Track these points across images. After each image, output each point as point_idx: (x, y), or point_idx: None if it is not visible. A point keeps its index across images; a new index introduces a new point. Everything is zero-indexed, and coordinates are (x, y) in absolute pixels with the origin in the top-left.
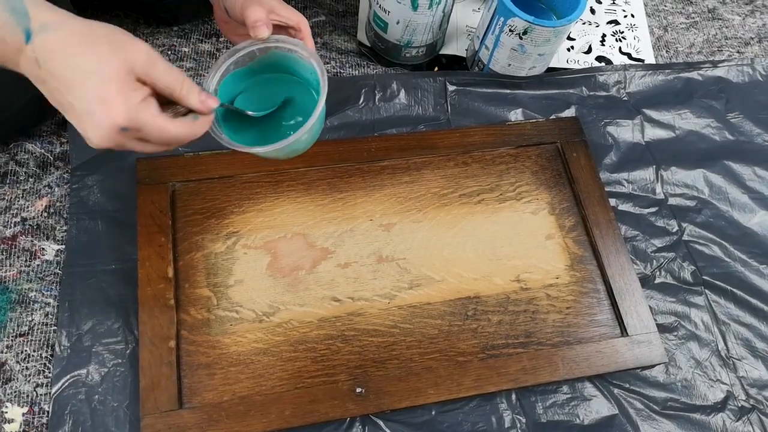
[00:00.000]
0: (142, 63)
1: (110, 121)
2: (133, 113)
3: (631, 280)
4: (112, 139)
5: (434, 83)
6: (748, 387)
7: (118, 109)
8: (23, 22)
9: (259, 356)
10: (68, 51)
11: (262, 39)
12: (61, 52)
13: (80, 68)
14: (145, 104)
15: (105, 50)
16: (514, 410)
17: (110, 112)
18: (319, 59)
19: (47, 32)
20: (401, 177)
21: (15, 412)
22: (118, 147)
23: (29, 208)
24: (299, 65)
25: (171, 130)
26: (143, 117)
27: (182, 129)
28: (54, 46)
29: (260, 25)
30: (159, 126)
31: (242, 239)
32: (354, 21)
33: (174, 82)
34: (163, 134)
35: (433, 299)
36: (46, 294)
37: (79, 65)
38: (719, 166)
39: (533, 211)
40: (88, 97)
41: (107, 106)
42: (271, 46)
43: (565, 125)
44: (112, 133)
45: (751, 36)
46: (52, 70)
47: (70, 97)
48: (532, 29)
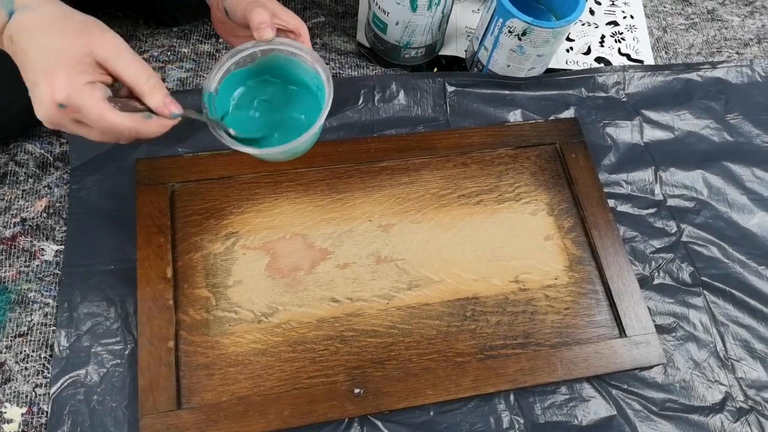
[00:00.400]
0: (106, 50)
1: (50, 95)
2: (74, 92)
3: (630, 281)
4: (52, 115)
5: (433, 84)
6: (746, 388)
7: (58, 86)
8: (8, 5)
9: (258, 357)
10: (37, 29)
11: (266, 40)
12: (31, 30)
13: (42, 45)
14: (91, 87)
15: (71, 33)
16: (512, 411)
17: (52, 87)
18: (325, 65)
19: (25, 11)
20: (400, 178)
21: (14, 412)
22: (59, 126)
23: (29, 209)
24: (301, 69)
25: (111, 119)
26: (83, 98)
27: (125, 122)
28: (27, 24)
29: (265, 27)
30: (99, 112)
31: (241, 240)
32: (353, 22)
33: (139, 75)
34: (102, 122)
35: (431, 300)
36: (46, 294)
37: (42, 42)
38: (718, 167)
39: (532, 212)
40: (38, 71)
41: (50, 80)
42: (274, 49)
43: (564, 126)
44: (50, 107)
45: (750, 37)
46: (20, 45)
47: (27, 70)
48: (531, 30)
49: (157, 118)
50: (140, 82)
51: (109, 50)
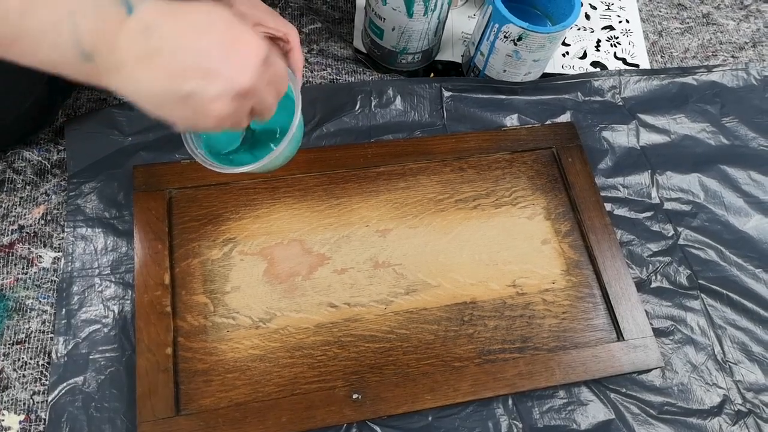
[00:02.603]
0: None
1: (254, 52)
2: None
3: (627, 285)
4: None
5: (430, 89)
6: (744, 391)
7: (253, 42)
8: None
9: (256, 363)
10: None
11: None
12: (172, 12)
13: (198, 21)
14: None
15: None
16: (510, 415)
17: (249, 44)
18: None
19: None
20: (397, 183)
21: (12, 419)
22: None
23: (26, 216)
24: None
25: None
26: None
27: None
28: (162, 8)
29: None
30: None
31: (239, 246)
32: (350, 28)
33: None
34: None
35: (429, 305)
36: (43, 301)
37: (195, 19)
38: (714, 171)
39: (529, 216)
40: (221, 42)
41: (246, 41)
42: None
43: (560, 130)
44: (258, 66)
45: (745, 41)
46: (168, 31)
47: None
48: (526, 35)
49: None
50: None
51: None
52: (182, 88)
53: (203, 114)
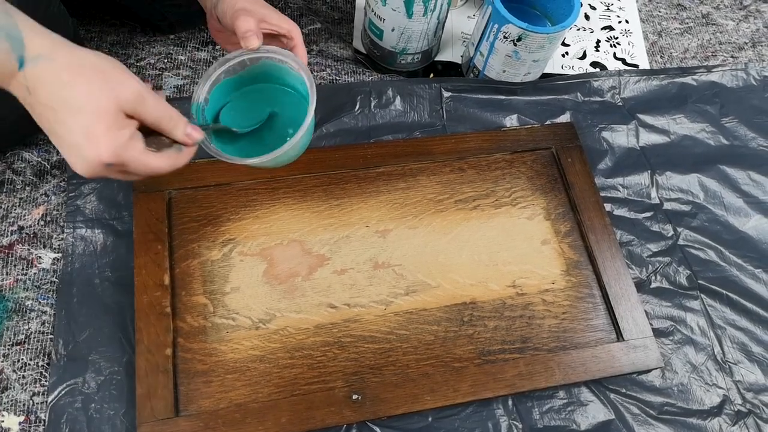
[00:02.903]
0: (132, 100)
1: (97, 157)
2: (120, 151)
3: (627, 285)
4: (97, 173)
5: (430, 90)
6: (744, 391)
7: (104, 147)
8: (18, 50)
9: (256, 363)
10: (59, 83)
11: (253, 49)
12: (52, 84)
13: (69, 102)
14: (132, 142)
15: (95, 86)
16: (510, 416)
17: (97, 149)
18: (309, 72)
19: (39, 62)
20: (397, 183)
21: (11, 420)
22: (100, 177)
23: (26, 217)
24: (290, 76)
25: (154, 164)
26: (129, 154)
27: (166, 162)
28: (45, 76)
29: (251, 35)
30: (143, 162)
31: (238, 246)
32: (349, 28)
33: (162, 117)
34: (147, 169)
35: (429, 305)
36: (43, 302)
37: (69, 99)
38: (714, 171)
39: (529, 217)
40: (75, 131)
41: (94, 143)
42: (262, 56)
43: (560, 131)
44: (97, 167)
45: (744, 41)
46: (42, 100)
47: (59, 127)
48: (526, 36)
49: (186, 149)
50: (164, 123)
51: (133, 100)
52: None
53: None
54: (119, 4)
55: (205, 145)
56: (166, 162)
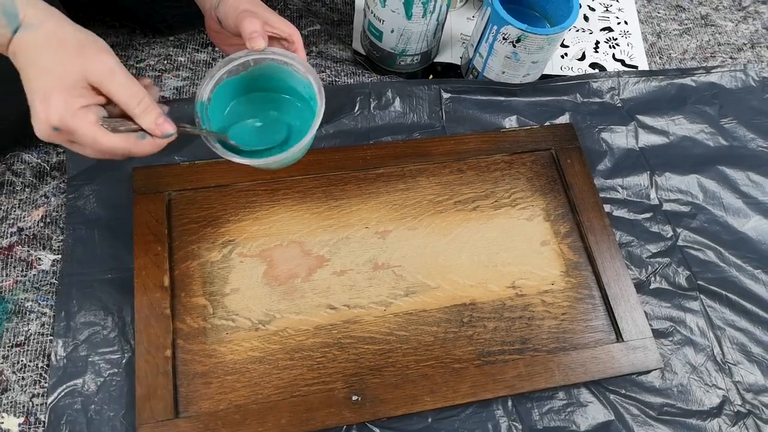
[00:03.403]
0: (99, 72)
1: (45, 119)
2: (68, 117)
3: (626, 286)
4: (47, 135)
5: (429, 91)
6: (743, 392)
7: (53, 110)
8: (13, 24)
9: (255, 364)
10: (35, 49)
11: (258, 50)
12: (29, 50)
13: (39, 66)
14: (85, 111)
15: (67, 54)
16: (510, 417)
17: (47, 111)
18: (316, 74)
19: (26, 30)
20: (396, 184)
21: (11, 422)
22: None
23: (25, 218)
24: (293, 78)
25: (104, 142)
26: (77, 123)
27: (118, 143)
28: (27, 43)
29: (257, 36)
30: (92, 135)
31: (238, 247)
32: (349, 30)
33: (130, 98)
34: (95, 144)
35: (428, 306)
36: (43, 304)
37: (39, 63)
38: (713, 172)
39: (528, 218)
40: (36, 92)
41: (46, 104)
42: (267, 58)
43: (559, 132)
44: (45, 129)
45: (743, 42)
46: (21, 64)
47: (28, 89)
48: (525, 37)
49: (150, 138)
50: (131, 105)
51: (102, 73)
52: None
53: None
54: (118, 5)
55: (210, 144)
56: (120, 143)
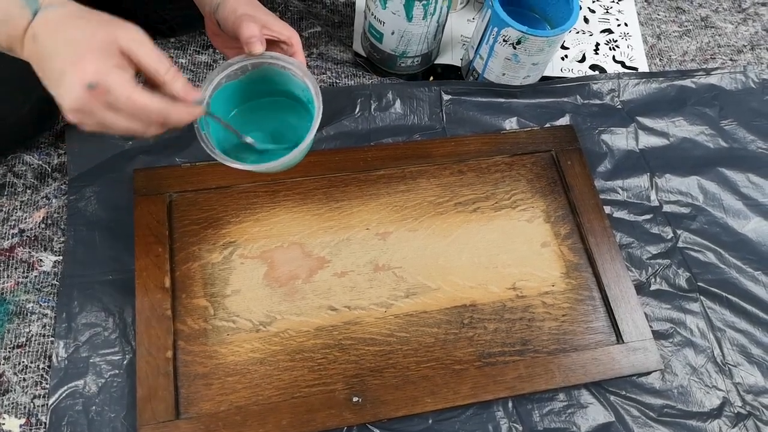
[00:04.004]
0: (129, 40)
1: (79, 77)
2: (104, 72)
3: (627, 287)
4: (81, 99)
5: (429, 93)
6: (744, 393)
7: (88, 66)
8: (32, 5)
9: (256, 366)
10: (62, 24)
11: (256, 54)
12: (56, 25)
13: (67, 38)
14: (119, 69)
15: (95, 23)
16: (510, 418)
17: (81, 69)
18: (314, 79)
19: (49, 9)
20: (397, 186)
21: (12, 423)
22: (86, 113)
23: (27, 220)
24: (291, 82)
25: (141, 99)
26: (113, 78)
27: (154, 102)
28: (52, 20)
29: (255, 41)
30: (128, 92)
31: (239, 249)
32: (349, 32)
33: (159, 63)
34: (130, 103)
35: (429, 307)
36: (44, 305)
37: (68, 35)
38: (713, 173)
39: (528, 219)
40: (66, 60)
41: (79, 64)
42: (265, 62)
43: (559, 133)
44: (80, 90)
45: (743, 44)
46: (44, 41)
47: (53, 62)
48: (525, 39)
49: (183, 104)
50: (161, 70)
51: (132, 39)
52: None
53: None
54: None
55: (210, 150)
56: (154, 103)
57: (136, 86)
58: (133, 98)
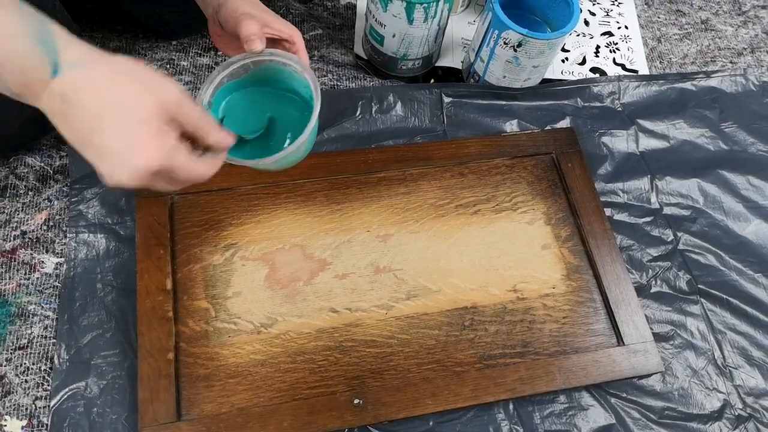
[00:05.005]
0: (174, 103)
1: (146, 165)
2: (169, 157)
3: (627, 290)
4: (143, 179)
5: (430, 95)
6: (744, 395)
7: (153, 154)
8: (52, 56)
9: (258, 368)
10: (100, 88)
11: (256, 52)
12: (92, 89)
13: (113, 107)
14: (178, 148)
15: (138, 90)
16: (511, 420)
17: (147, 156)
18: (314, 74)
19: (77, 69)
20: (398, 188)
21: (14, 425)
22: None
23: (29, 222)
24: (293, 79)
25: (200, 170)
26: (177, 160)
27: (208, 168)
28: (85, 83)
29: (254, 38)
30: (191, 167)
31: (240, 251)
32: (351, 34)
33: (201, 122)
34: (193, 175)
35: (430, 310)
36: (46, 307)
37: (112, 104)
38: (714, 176)
39: (529, 221)
40: (119, 138)
41: (143, 149)
42: (265, 60)
43: (560, 136)
44: (145, 175)
45: (743, 46)
46: (79, 107)
47: (100, 135)
48: (526, 42)
49: (222, 155)
50: (203, 128)
51: (176, 104)
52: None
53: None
54: (121, 9)
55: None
56: (210, 167)
57: (194, 158)
58: (195, 171)
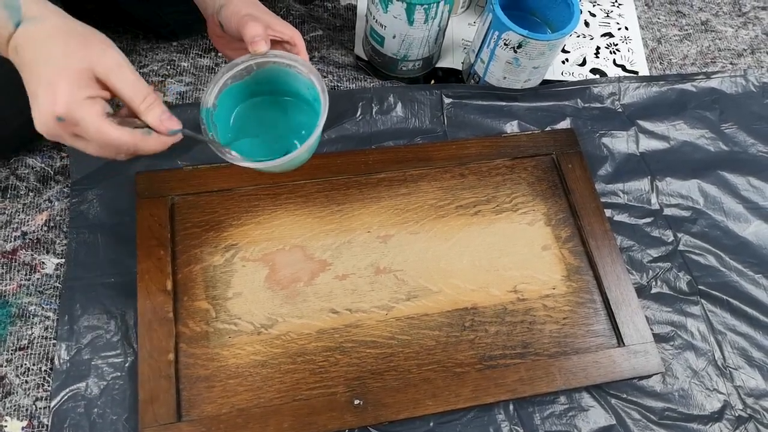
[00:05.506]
0: (106, 66)
1: (49, 107)
2: (74, 106)
3: (627, 291)
4: (50, 128)
5: (431, 96)
6: (745, 396)
7: (59, 98)
8: (15, 17)
9: (258, 368)
10: (40, 41)
11: (261, 53)
12: (35, 42)
13: (44, 57)
14: (91, 102)
15: (73, 46)
16: (511, 421)
17: (52, 99)
18: (320, 76)
19: (30, 23)
20: (398, 189)
21: (14, 425)
22: (57, 138)
23: (29, 222)
24: (297, 80)
25: (110, 134)
26: (83, 112)
27: (123, 137)
28: (31, 35)
29: (259, 40)
30: (97, 126)
31: (241, 252)
32: (351, 35)
33: (135, 93)
34: (100, 136)
35: (430, 310)
36: (46, 308)
37: (44, 54)
38: (714, 177)
39: (529, 222)
40: (40, 82)
41: (51, 93)
42: (269, 61)
43: (560, 137)
44: (49, 120)
45: (743, 47)
46: (24, 57)
47: (30, 81)
48: (526, 43)
49: (157, 135)
50: (137, 100)
51: (108, 67)
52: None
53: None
54: (122, 10)
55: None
56: (126, 137)
57: (104, 120)
58: (102, 132)
